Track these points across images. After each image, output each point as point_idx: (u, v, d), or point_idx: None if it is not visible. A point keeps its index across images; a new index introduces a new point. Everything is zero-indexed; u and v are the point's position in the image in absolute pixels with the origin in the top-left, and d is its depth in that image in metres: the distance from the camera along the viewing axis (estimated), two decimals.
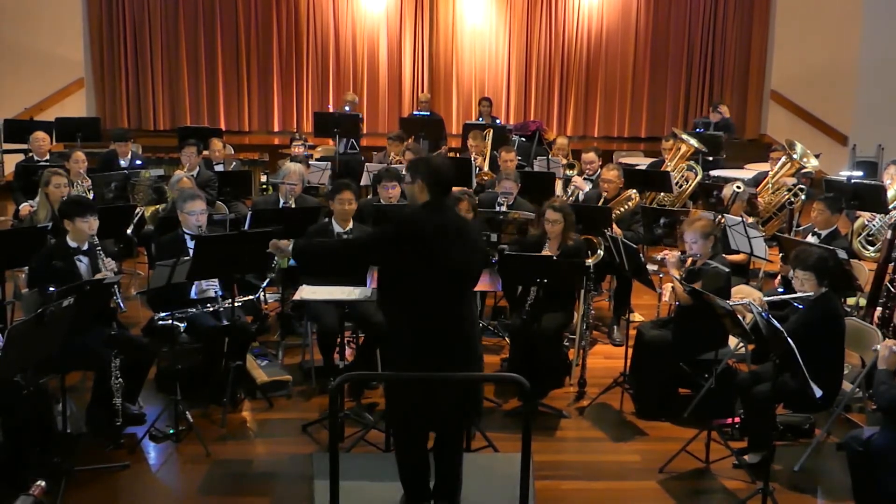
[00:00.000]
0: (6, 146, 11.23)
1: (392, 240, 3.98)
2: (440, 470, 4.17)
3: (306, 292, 5.29)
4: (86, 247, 5.39)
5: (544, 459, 5.01)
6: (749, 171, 10.12)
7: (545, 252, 5.95)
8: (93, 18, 13.73)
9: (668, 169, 9.14)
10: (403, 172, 7.87)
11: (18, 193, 8.48)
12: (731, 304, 4.94)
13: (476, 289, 4.37)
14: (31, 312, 4.92)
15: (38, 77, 12.82)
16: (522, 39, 14.28)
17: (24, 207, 7.27)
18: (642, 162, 11.26)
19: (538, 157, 9.94)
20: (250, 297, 5.93)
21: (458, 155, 10.60)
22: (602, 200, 7.51)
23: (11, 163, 10.46)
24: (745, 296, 5.62)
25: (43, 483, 2.26)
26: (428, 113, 12.28)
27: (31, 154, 9.37)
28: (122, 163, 9.38)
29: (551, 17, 14.21)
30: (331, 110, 13.03)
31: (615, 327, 7.08)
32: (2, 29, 12.31)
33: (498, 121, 12.41)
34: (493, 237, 6.41)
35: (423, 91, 13.94)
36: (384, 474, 4.35)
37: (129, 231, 7.02)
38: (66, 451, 4.79)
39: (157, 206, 7.79)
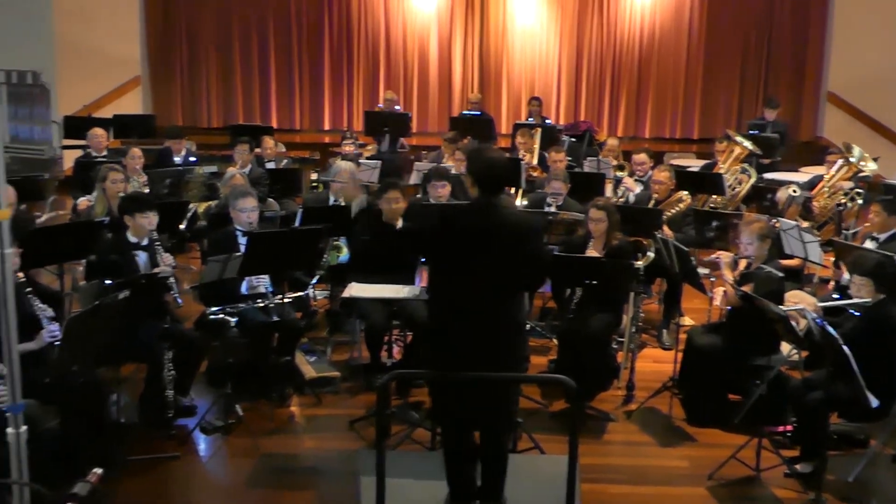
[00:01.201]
0: (65, 142, 11.46)
1: (433, 236, 3.98)
2: (485, 470, 4.16)
3: (355, 290, 5.33)
4: (145, 242, 5.50)
5: (591, 462, 4.98)
6: (804, 175, 9.94)
7: (589, 252, 5.91)
8: (150, 18, 13.97)
9: (721, 171, 9.02)
10: (454, 172, 7.98)
11: (77, 188, 8.66)
12: (784, 309, 4.86)
13: None
14: (88, 304, 5.04)
15: (97, 75, 13.05)
16: (573, 39, 14.20)
17: (83, 202, 7.42)
18: (694, 164, 11.11)
19: (588, 158, 9.86)
20: (300, 293, 5.98)
21: (507, 155, 10.57)
22: (653, 202, 7.43)
23: (70, 158, 10.69)
24: (799, 301, 5.52)
25: (100, 471, 2.31)
26: (478, 112, 12.28)
27: (89, 150, 9.55)
28: (177, 159, 9.52)
29: (603, 16, 14.11)
30: (380, 109, 13.08)
31: (664, 331, 7.01)
32: (62, 28, 12.56)
33: (548, 121, 12.35)
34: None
35: (472, 91, 13.93)
36: (429, 472, 4.35)
37: (182, 227, 7.12)
38: (119, 440, 4.89)
39: (210, 203, 7.89)
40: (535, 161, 9.54)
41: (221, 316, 5.44)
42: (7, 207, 2.64)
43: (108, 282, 5.04)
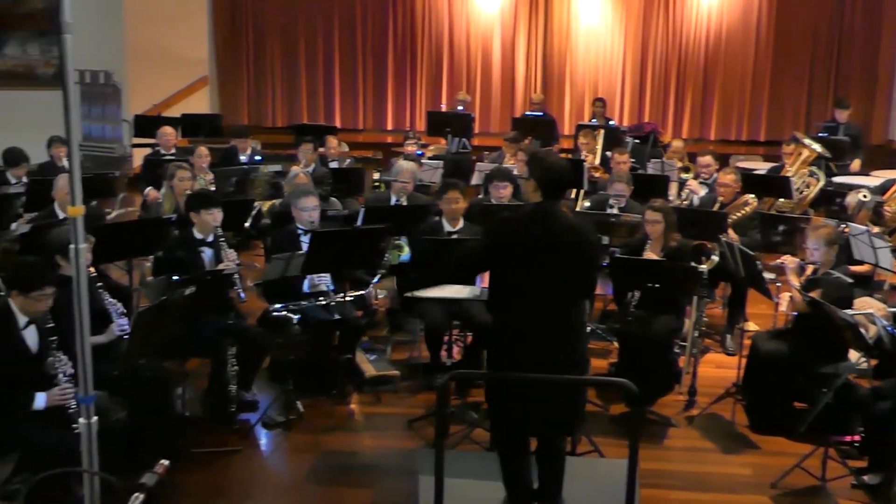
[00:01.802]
0: (135, 140, 11.73)
1: (490, 244, 3.99)
2: (543, 473, 4.15)
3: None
4: (210, 238, 5.60)
5: (651, 467, 4.92)
6: (876, 179, 9.69)
7: (647, 254, 5.85)
8: (218, 19, 14.23)
9: (789, 174, 8.84)
10: (515, 172, 7.96)
11: (146, 186, 8.85)
12: (852, 313, 4.75)
13: None
14: (155, 299, 5.15)
15: (166, 75, 13.33)
16: (638, 39, 14.05)
17: (151, 192, 7.57)
18: (761, 166, 10.92)
19: (652, 160, 9.76)
20: (361, 292, 6.03)
21: (570, 156, 10.51)
22: (718, 205, 7.32)
23: (140, 156, 10.93)
24: (868, 307, 5.38)
25: (167, 462, 2.36)
26: (540, 113, 12.24)
27: (158, 148, 9.76)
28: (242, 158, 9.68)
29: (669, 16, 13.93)
30: (443, 109, 13.12)
31: (728, 336, 6.90)
32: (134, 30, 12.85)
33: (611, 122, 12.26)
34: (605, 240, 6.33)
35: (535, 91, 13.88)
36: (488, 473, 4.34)
37: (247, 224, 7.23)
38: (183, 433, 4.99)
39: (274, 201, 8.00)
40: (597, 161, 9.48)
41: (284, 313, 5.51)
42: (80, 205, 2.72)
43: (175, 278, 5.13)
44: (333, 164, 9.54)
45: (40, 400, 4.11)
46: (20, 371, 4.14)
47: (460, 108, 11.96)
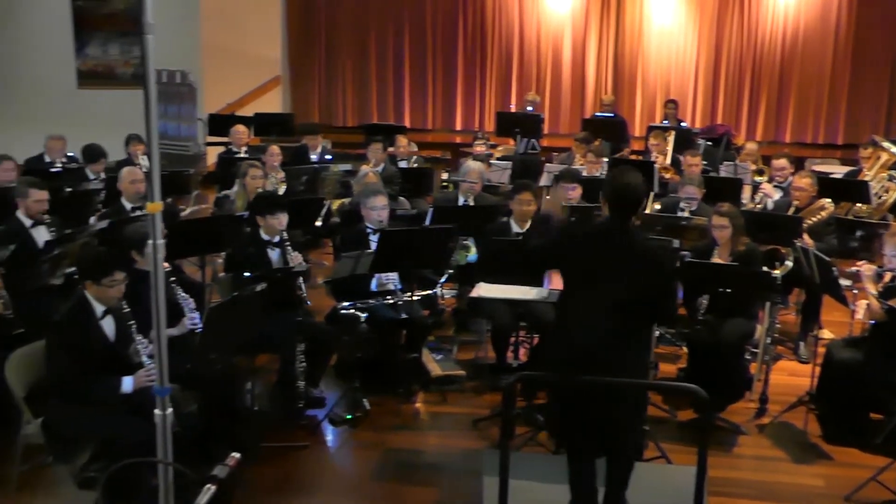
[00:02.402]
0: (209, 139, 11.97)
1: (556, 245, 3.97)
2: (609, 478, 4.11)
3: (483, 290, 5.35)
4: (276, 240, 5.68)
5: (719, 475, 4.84)
6: None
7: (715, 259, 5.75)
8: (291, 19, 14.44)
9: (867, 178, 8.60)
10: (584, 174, 7.91)
11: (218, 183, 9.03)
12: None
13: None
14: (226, 296, 5.25)
15: (240, 75, 13.58)
16: (712, 39, 13.81)
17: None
18: (838, 170, 10.63)
19: (725, 162, 9.59)
20: (428, 291, 6.05)
21: (640, 158, 10.40)
22: (793, 209, 7.16)
23: (213, 154, 11.15)
24: None
25: (238, 455, 2.40)
26: (611, 114, 12.12)
27: (230, 147, 9.94)
28: (313, 157, 9.79)
29: (744, 15, 13.65)
30: (513, 110, 13.09)
31: (802, 343, 6.74)
32: (209, 30, 13.12)
33: (683, 123, 12.08)
34: (676, 243, 6.24)
35: (606, 92, 13.76)
36: (553, 476, 4.33)
37: (317, 223, 7.32)
38: (252, 427, 5.07)
39: (344, 200, 8.07)
40: (667, 162, 9.35)
41: (352, 311, 5.57)
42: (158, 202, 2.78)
43: (246, 274, 5.22)
44: (402, 164, 9.59)
45: (127, 383, 4.23)
46: (103, 358, 4.26)
47: (530, 108, 11.92)
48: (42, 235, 5.82)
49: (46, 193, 5.91)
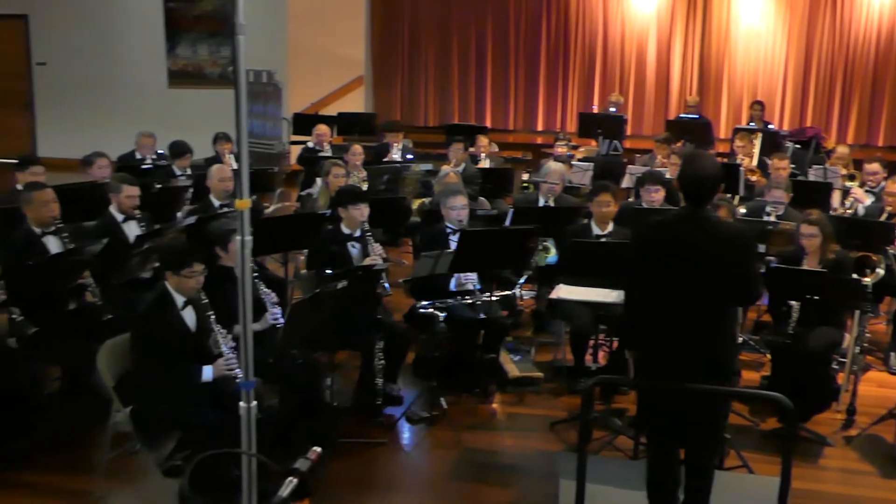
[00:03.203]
0: (293, 138, 12.18)
1: (634, 249, 3.91)
2: (689, 485, 4.04)
3: (563, 291, 5.32)
4: (357, 234, 5.75)
5: (802, 487, 4.69)
6: None
7: (803, 266, 5.59)
8: (374, 20, 14.59)
9: None
10: (668, 176, 7.78)
11: (302, 181, 9.19)
12: None
13: None
14: (308, 292, 5.33)
15: (324, 75, 13.78)
16: (802, 40, 13.45)
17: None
18: None
19: (814, 166, 9.34)
20: (507, 292, 6.04)
21: (725, 160, 10.20)
22: (885, 215, 6.93)
23: (297, 153, 11.34)
24: None
25: (319, 449, 2.44)
26: (696, 116, 11.92)
27: (314, 145, 10.10)
28: (395, 156, 9.87)
29: (836, 15, 13.25)
30: (595, 111, 12.99)
31: (892, 354, 6.51)
32: (295, 30, 13.35)
33: (770, 126, 11.80)
34: (761, 248, 6.10)
35: (691, 93, 13.54)
36: (630, 481, 4.29)
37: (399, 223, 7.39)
38: (331, 422, 5.14)
39: (424, 200, 8.12)
40: (753, 163, 9.15)
41: (431, 310, 5.60)
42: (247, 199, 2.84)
43: (327, 271, 5.29)
44: (483, 164, 9.60)
45: (207, 372, 4.34)
46: (184, 348, 4.38)
47: (612, 109, 11.81)
48: (133, 230, 6.00)
49: (138, 189, 6.10)
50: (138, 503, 4.52)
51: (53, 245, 5.38)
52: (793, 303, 5.47)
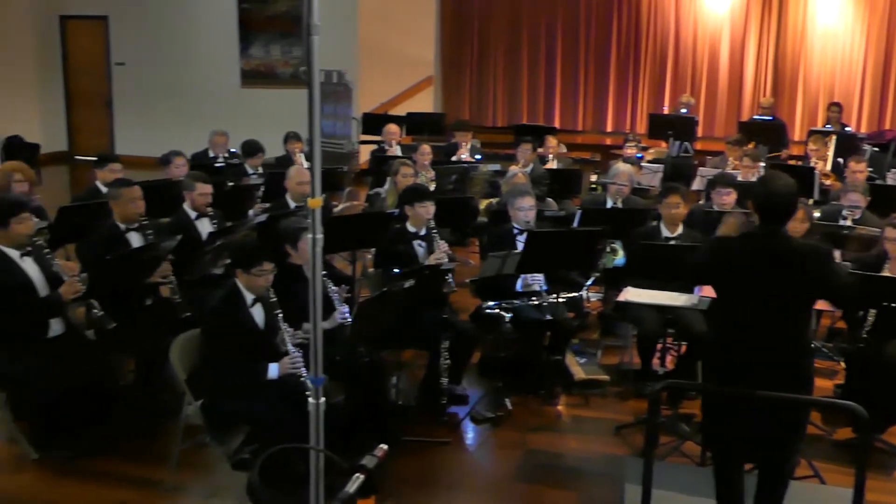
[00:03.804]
0: (363, 137, 12.30)
1: (707, 265, 3.87)
2: (759, 495, 3.96)
3: (631, 294, 5.27)
4: (423, 231, 5.77)
5: (877, 500, 4.57)
6: None
7: (886, 272, 5.42)
8: (444, 20, 14.65)
9: None
10: (739, 179, 7.64)
11: (371, 180, 9.27)
12: None
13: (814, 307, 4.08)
14: (375, 291, 5.38)
15: (394, 75, 13.88)
16: (882, 40, 13.10)
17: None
18: None
19: (893, 170, 9.07)
20: (574, 294, 6.01)
21: (798, 162, 9.99)
22: None
23: (366, 153, 11.45)
24: None
25: (386, 447, 2.46)
26: (770, 118, 11.69)
27: (383, 145, 10.18)
28: (464, 156, 9.89)
29: None
30: (666, 112, 12.83)
31: None
32: (366, 31, 13.47)
33: (847, 128, 11.50)
34: (836, 253, 5.95)
35: (765, 94, 13.28)
36: (697, 488, 4.22)
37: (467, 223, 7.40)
38: (396, 420, 5.17)
39: (492, 200, 8.12)
40: (828, 167, 8.93)
41: (497, 311, 5.60)
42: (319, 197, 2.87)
43: (395, 270, 5.33)
44: (551, 165, 9.56)
45: (273, 370, 4.41)
46: (253, 344, 4.46)
47: (683, 110, 11.65)
48: (205, 227, 6.12)
49: (211, 187, 6.21)
50: (207, 495, 4.60)
51: (136, 241, 5.52)
52: (870, 310, 5.33)
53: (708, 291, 4.82)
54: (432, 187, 8.21)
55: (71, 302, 4.90)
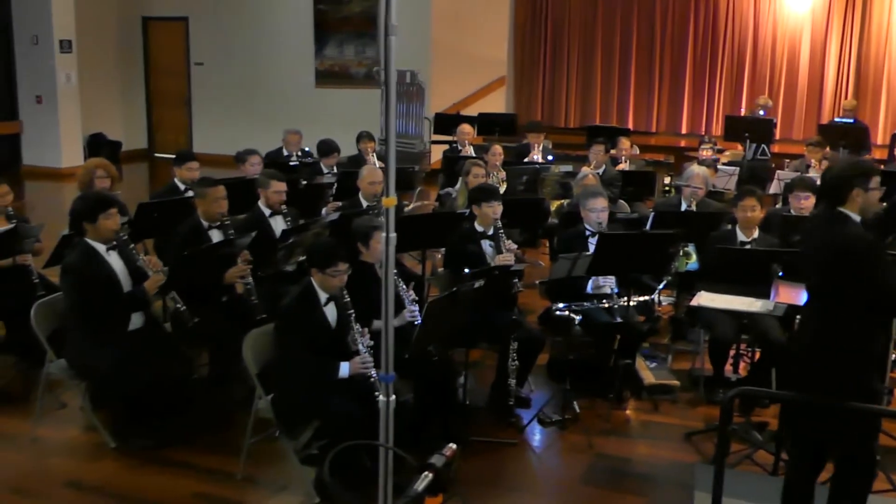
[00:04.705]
0: (434, 137, 12.35)
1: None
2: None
3: (704, 298, 5.18)
4: (491, 231, 5.77)
5: None
6: None
7: None
8: (518, 21, 14.62)
9: None
10: (818, 183, 7.45)
11: (443, 180, 9.30)
12: None
13: None
14: (445, 290, 5.39)
15: (466, 75, 13.90)
16: None
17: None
18: None
19: None
20: (645, 297, 5.94)
21: (882, 167, 9.68)
22: None
23: (437, 152, 11.49)
24: None
25: (455, 446, 2.47)
26: (851, 120, 11.37)
27: (455, 145, 10.20)
28: (536, 157, 9.86)
29: None
30: (743, 114, 12.59)
31: None
32: (439, 31, 13.52)
33: None
34: None
35: (846, 97, 12.93)
36: (768, 497, 4.13)
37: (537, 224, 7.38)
38: (464, 420, 5.18)
39: (563, 201, 8.07)
40: None
41: (566, 313, 5.56)
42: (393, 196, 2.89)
43: (465, 270, 5.33)
44: (624, 167, 9.47)
45: (344, 369, 4.46)
46: (325, 342, 4.51)
47: (761, 112, 11.41)
48: (279, 225, 6.21)
49: (285, 185, 6.31)
50: (277, 488, 4.67)
51: (217, 238, 5.64)
52: None
53: (784, 297, 4.72)
54: (503, 188, 8.20)
55: (153, 296, 5.05)
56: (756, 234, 5.97)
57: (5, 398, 5.66)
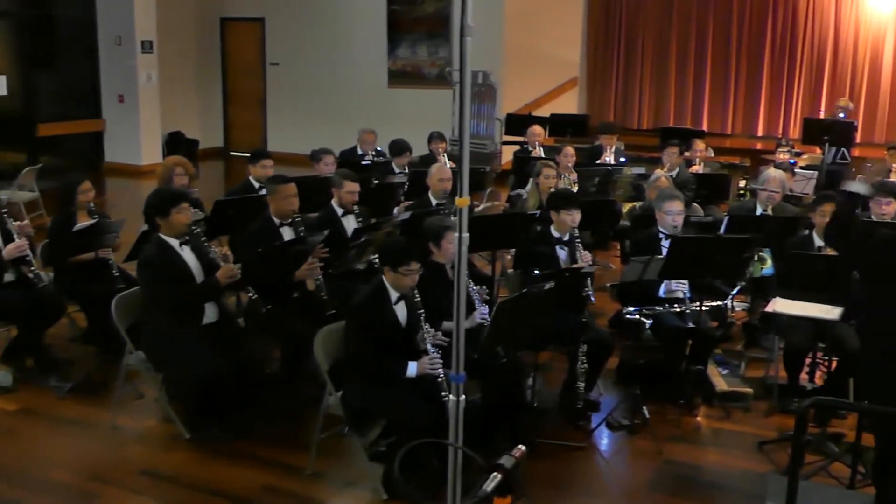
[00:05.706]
0: (506, 138, 12.33)
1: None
2: None
3: (780, 305, 5.08)
4: (566, 238, 5.74)
5: None
6: None
7: None
8: (592, 21, 14.51)
9: None
10: None
11: (514, 181, 9.29)
12: None
13: None
14: (515, 291, 5.39)
15: (538, 76, 13.85)
16: None
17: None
18: None
19: None
20: (718, 302, 5.84)
21: None
22: None
23: (508, 153, 11.48)
24: None
25: (524, 447, 2.47)
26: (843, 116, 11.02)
27: (526, 146, 10.17)
28: (609, 158, 9.78)
29: None
30: (822, 116, 12.28)
31: None
32: (512, 32, 13.50)
33: None
34: None
35: None
36: None
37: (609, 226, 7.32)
38: (531, 422, 5.17)
39: (635, 203, 7.99)
40: None
41: (637, 317, 5.50)
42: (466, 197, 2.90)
43: (535, 272, 5.32)
44: (698, 169, 9.32)
45: (412, 368, 4.49)
46: (394, 341, 4.55)
47: (841, 115, 11.11)
48: (351, 224, 6.28)
49: (358, 185, 6.37)
50: (345, 483, 4.72)
51: (288, 235, 5.73)
52: None
53: None
54: (575, 189, 8.16)
55: (226, 288, 5.15)
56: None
57: (87, 387, 5.83)
